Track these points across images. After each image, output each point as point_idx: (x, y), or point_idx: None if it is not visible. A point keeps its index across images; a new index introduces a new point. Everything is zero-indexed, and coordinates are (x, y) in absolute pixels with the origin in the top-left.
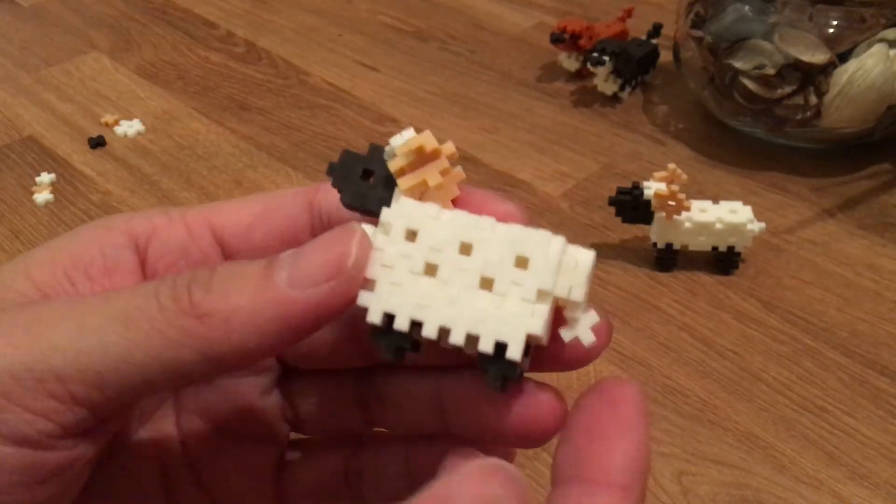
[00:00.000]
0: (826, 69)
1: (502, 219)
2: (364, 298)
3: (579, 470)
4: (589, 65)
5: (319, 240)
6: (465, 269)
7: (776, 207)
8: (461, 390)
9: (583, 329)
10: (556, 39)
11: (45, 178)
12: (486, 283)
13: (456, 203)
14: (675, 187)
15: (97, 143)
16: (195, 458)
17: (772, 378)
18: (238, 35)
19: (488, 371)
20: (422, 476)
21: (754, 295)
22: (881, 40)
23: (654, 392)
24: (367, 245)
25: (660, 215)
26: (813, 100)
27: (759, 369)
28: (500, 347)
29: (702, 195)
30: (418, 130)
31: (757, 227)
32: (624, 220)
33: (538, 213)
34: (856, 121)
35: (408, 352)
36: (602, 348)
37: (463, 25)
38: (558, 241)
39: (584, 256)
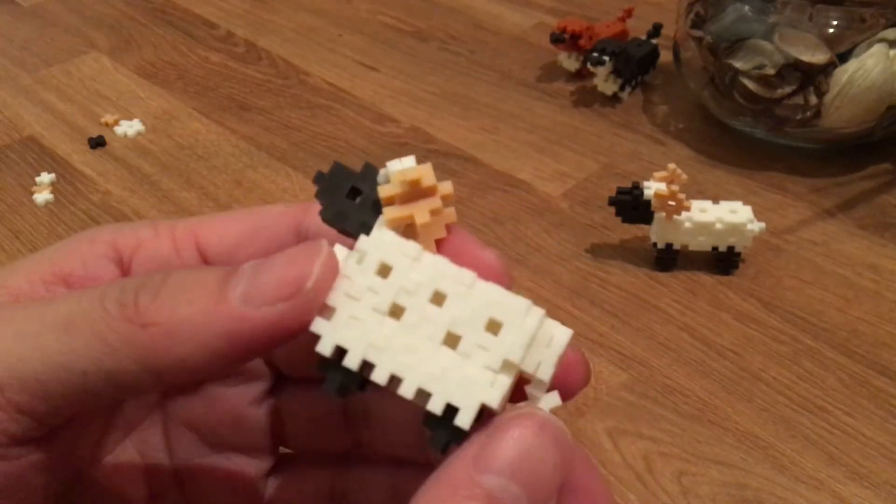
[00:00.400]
0: (826, 69)
1: (480, 265)
2: (318, 325)
3: None
4: (589, 65)
5: (284, 254)
6: (432, 319)
7: (776, 207)
8: None
9: (547, 398)
10: (556, 39)
11: (45, 178)
12: (452, 340)
13: (439, 244)
14: (675, 187)
15: (97, 143)
16: (181, 469)
17: (772, 378)
18: (238, 35)
19: (433, 431)
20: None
21: (754, 295)
22: (881, 40)
23: (654, 392)
24: (332, 268)
25: (660, 215)
26: (813, 100)
27: (759, 369)
28: (451, 410)
29: (702, 195)
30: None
31: (757, 227)
32: (624, 220)
33: (538, 213)
34: (856, 121)
35: (353, 392)
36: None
37: (463, 25)
38: (536, 313)
39: (561, 334)
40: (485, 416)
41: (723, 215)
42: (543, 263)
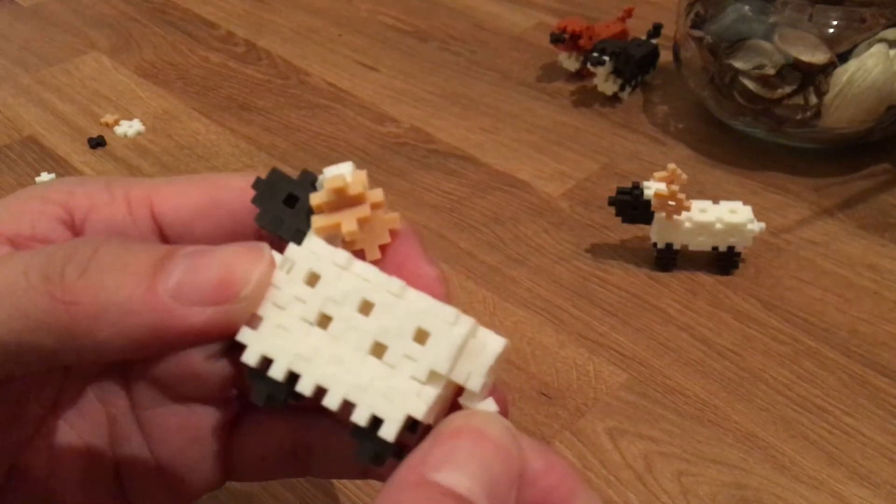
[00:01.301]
0: (826, 69)
1: (420, 281)
2: (244, 335)
3: None
4: (589, 65)
5: (223, 252)
6: (359, 328)
7: (776, 207)
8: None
9: (474, 399)
10: (556, 39)
11: (45, 178)
12: (379, 350)
13: (384, 249)
14: (675, 187)
15: (97, 143)
16: (141, 416)
17: (772, 378)
18: (238, 35)
19: (360, 444)
20: None
21: (754, 295)
22: (881, 40)
23: (654, 392)
24: (269, 276)
25: (660, 215)
26: (813, 100)
27: (759, 369)
28: (376, 422)
29: (702, 195)
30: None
31: (757, 227)
32: (624, 220)
33: (538, 213)
34: (856, 121)
35: (281, 402)
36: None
37: (463, 25)
38: (466, 322)
39: (494, 343)
40: (420, 428)
41: (723, 215)
42: (543, 263)
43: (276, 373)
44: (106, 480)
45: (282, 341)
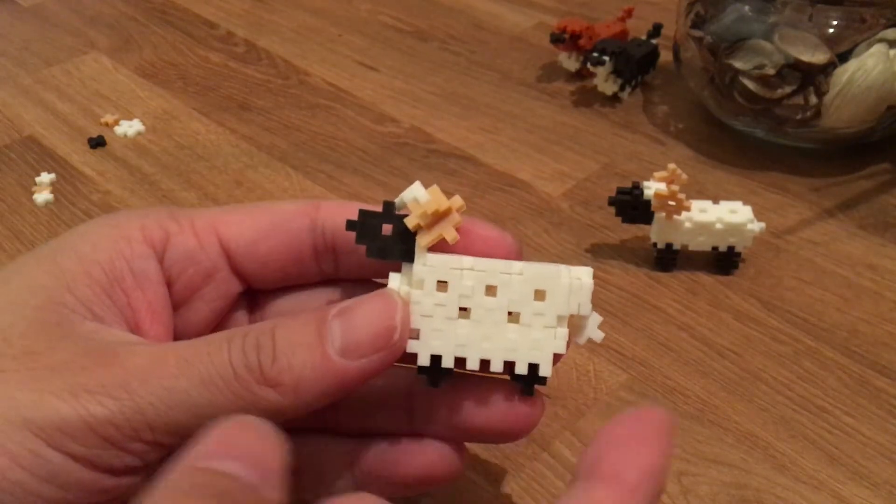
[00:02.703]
0: (826, 69)
1: (495, 242)
2: (413, 346)
3: (593, 469)
4: (589, 65)
5: (363, 310)
6: (493, 308)
7: (776, 207)
8: (439, 394)
9: (592, 330)
10: (556, 39)
11: (45, 178)
12: (514, 318)
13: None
14: (675, 187)
15: (97, 143)
16: None
17: (772, 378)
18: (238, 35)
19: (525, 386)
20: (365, 480)
21: (754, 295)
22: (881, 40)
23: (654, 392)
24: (407, 314)
25: (660, 215)
26: (813, 100)
27: (759, 369)
28: (532, 367)
29: (702, 195)
30: (426, 183)
31: (757, 227)
32: (624, 220)
33: (538, 213)
34: (856, 121)
35: (446, 380)
36: (537, 422)
37: (463, 25)
38: (566, 271)
39: (586, 276)
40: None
41: (723, 215)
42: None
43: (447, 363)
44: None
45: (441, 340)
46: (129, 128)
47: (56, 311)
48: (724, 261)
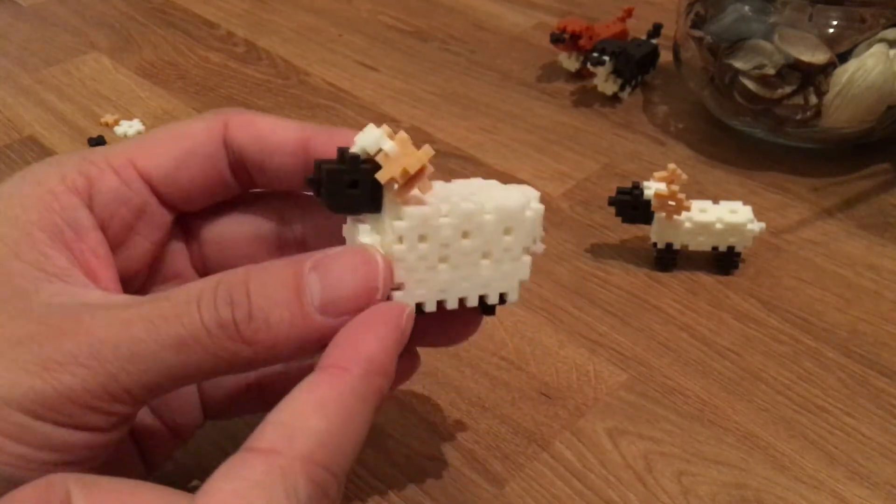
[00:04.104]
0: (826, 69)
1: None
2: (398, 297)
3: (324, 361)
4: (589, 65)
5: (342, 266)
6: (468, 252)
7: (776, 207)
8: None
9: (538, 244)
10: (556, 39)
11: None
12: (486, 255)
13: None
14: (675, 187)
15: (97, 143)
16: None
17: (772, 378)
18: (238, 35)
19: (485, 309)
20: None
21: (754, 295)
22: (881, 40)
23: (654, 392)
24: (389, 272)
25: (660, 215)
26: (813, 100)
27: (759, 369)
28: (502, 296)
29: (702, 195)
30: (391, 125)
31: (757, 227)
32: (624, 220)
33: None
34: (856, 121)
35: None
36: (462, 341)
37: (463, 25)
38: (527, 206)
39: (535, 201)
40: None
41: (723, 215)
42: (543, 263)
43: (430, 308)
44: None
45: (424, 289)
46: (129, 128)
47: (9, 282)
48: (724, 261)
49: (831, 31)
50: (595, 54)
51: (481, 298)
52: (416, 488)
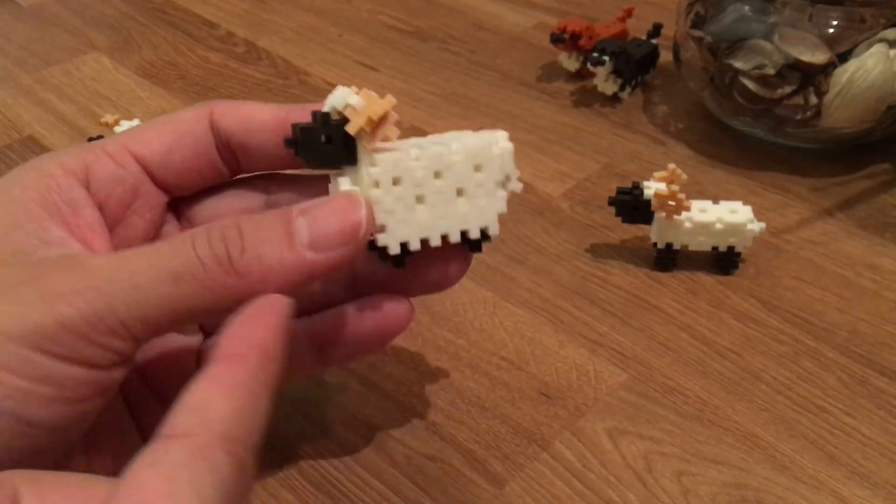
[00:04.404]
0: (826, 69)
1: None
2: (382, 239)
3: (219, 352)
4: (589, 65)
5: (328, 208)
6: (443, 191)
7: (776, 207)
8: (374, 267)
9: (514, 183)
10: (556, 39)
11: None
12: (461, 192)
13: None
14: (675, 187)
15: None
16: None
17: (772, 378)
18: (238, 35)
19: (472, 245)
20: (325, 348)
21: (754, 295)
22: (881, 40)
23: (654, 392)
24: (370, 211)
25: (660, 215)
26: (813, 100)
27: (759, 369)
28: (483, 230)
29: (702, 195)
30: (361, 90)
31: (757, 227)
32: (624, 220)
33: (538, 213)
34: (856, 121)
35: (409, 258)
36: (455, 281)
37: (463, 25)
38: (496, 146)
39: (504, 140)
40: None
41: (723, 215)
42: (543, 263)
43: (414, 246)
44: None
45: (406, 228)
46: (130, 128)
47: (10, 246)
48: (724, 261)
49: (831, 31)
50: (595, 54)
51: (464, 234)
52: (416, 488)
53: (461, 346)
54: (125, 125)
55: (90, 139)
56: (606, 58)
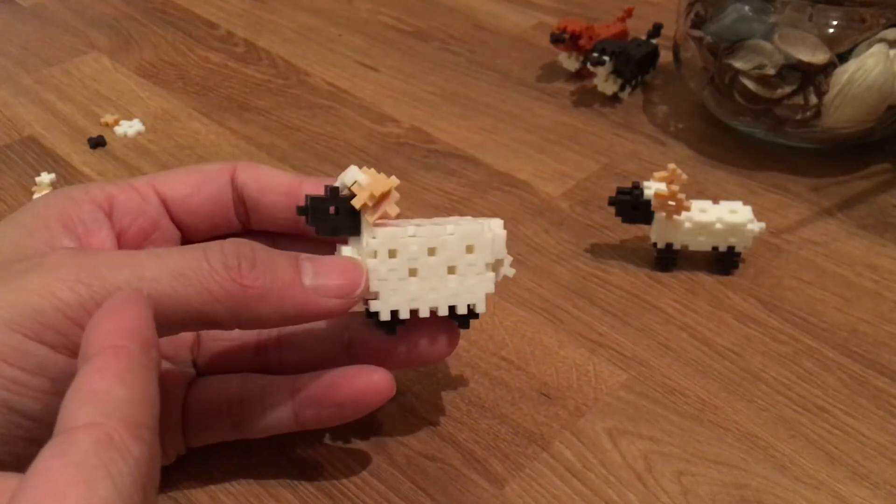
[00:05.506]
0: (826, 69)
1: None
2: (375, 306)
3: (93, 348)
4: (589, 65)
5: (333, 263)
6: (435, 267)
7: (776, 207)
8: (369, 334)
9: (507, 269)
10: (556, 39)
11: (45, 177)
12: (451, 270)
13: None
14: (675, 187)
15: (97, 143)
16: None
17: (772, 378)
18: (238, 35)
19: (462, 324)
20: (304, 405)
21: (754, 295)
22: (881, 40)
23: (654, 392)
24: (367, 277)
25: (660, 215)
26: (813, 100)
27: (759, 369)
28: (470, 307)
29: (702, 195)
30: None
31: (757, 227)
32: (624, 220)
33: (538, 213)
34: (856, 121)
35: (400, 326)
36: (445, 355)
37: (463, 25)
38: (489, 231)
39: (498, 228)
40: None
41: (723, 215)
42: (543, 263)
43: (404, 315)
44: None
45: (397, 298)
46: (129, 128)
47: (20, 251)
48: (724, 261)
49: (831, 31)
50: (595, 54)
51: (452, 309)
52: (416, 488)
53: (461, 346)
54: (125, 125)
55: (90, 139)
56: (606, 58)
